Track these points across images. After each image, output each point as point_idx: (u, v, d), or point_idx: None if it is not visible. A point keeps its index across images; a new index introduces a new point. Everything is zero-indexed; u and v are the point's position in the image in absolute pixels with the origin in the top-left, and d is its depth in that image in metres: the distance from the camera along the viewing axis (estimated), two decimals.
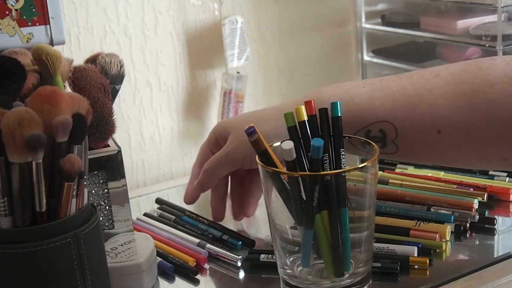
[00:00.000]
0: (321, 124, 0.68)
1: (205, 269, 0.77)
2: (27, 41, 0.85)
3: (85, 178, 0.61)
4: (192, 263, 0.76)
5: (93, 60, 0.82)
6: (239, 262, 0.76)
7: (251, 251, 0.78)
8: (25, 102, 0.61)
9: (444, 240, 0.76)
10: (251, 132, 0.64)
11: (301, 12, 1.17)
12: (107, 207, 0.77)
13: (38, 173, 0.58)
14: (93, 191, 0.76)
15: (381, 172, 0.94)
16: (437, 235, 0.76)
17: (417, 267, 0.72)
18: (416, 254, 0.73)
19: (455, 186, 0.87)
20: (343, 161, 0.67)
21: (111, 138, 0.78)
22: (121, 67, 0.81)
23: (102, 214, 0.77)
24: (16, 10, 0.84)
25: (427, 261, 0.72)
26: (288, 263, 0.69)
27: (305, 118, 0.67)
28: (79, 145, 0.60)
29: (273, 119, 0.77)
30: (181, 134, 1.09)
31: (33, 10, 0.84)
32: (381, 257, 0.72)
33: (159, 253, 0.77)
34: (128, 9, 1.02)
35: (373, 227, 0.68)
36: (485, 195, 0.85)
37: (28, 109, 0.57)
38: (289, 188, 0.65)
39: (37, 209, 0.58)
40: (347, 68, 1.24)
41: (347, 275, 0.67)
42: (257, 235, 0.84)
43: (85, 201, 0.62)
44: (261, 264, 0.75)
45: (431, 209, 0.82)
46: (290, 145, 0.64)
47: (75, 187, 0.59)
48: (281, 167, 0.66)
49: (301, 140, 0.67)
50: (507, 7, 1.01)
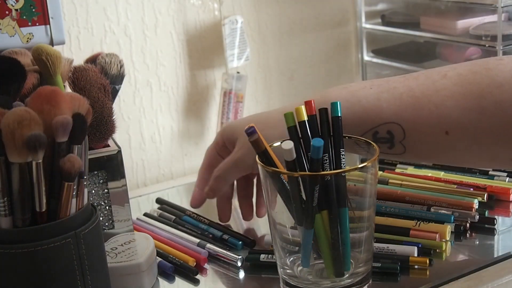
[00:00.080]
0: (321, 124, 0.68)
1: (205, 269, 0.77)
2: (27, 41, 0.85)
3: (85, 178, 0.61)
4: (192, 263, 0.76)
5: (93, 60, 0.82)
6: (239, 262, 0.76)
7: (251, 251, 0.78)
8: (25, 102, 0.61)
9: (444, 240, 0.76)
10: (251, 132, 0.65)
11: (301, 12, 1.17)
12: (107, 207, 0.77)
13: (38, 173, 0.58)
14: (93, 191, 0.76)
15: (381, 172, 0.94)
16: (437, 235, 0.76)
17: (417, 267, 0.72)
18: (416, 254, 0.73)
19: (455, 186, 0.87)
20: (343, 161, 0.67)
21: (111, 138, 0.78)
22: (121, 67, 0.81)
23: (102, 214, 0.77)
24: (16, 10, 0.84)
25: (427, 261, 0.72)
26: (288, 263, 0.69)
27: (305, 118, 0.67)
28: (79, 145, 0.60)
29: (279, 123, 0.77)
30: (181, 134, 1.09)
31: (33, 10, 0.84)
32: (381, 257, 0.72)
33: (159, 253, 0.77)
34: (128, 9, 1.02)
35: (373, 227, 0.68)
36: (485, 195, 0.85)
37: (28, 109, 0.57)
38: (289, 188, 0.65)
39: (37, 209, 0.58)
40: (347, 68, 1.24)
41: (347, 275, 0.67)
42: (257, 235, 0.84)
43: (85, 201, 0.61)
44: (261, 264, 0.75)
45: (431, 209, 0.82)
46: (290, 145, 0.64)
47: (75, 187, 0.59)
48: (281, 167, 0.66)
49: (301, 140, 0.67)
50: (507, 7, 1.00)
